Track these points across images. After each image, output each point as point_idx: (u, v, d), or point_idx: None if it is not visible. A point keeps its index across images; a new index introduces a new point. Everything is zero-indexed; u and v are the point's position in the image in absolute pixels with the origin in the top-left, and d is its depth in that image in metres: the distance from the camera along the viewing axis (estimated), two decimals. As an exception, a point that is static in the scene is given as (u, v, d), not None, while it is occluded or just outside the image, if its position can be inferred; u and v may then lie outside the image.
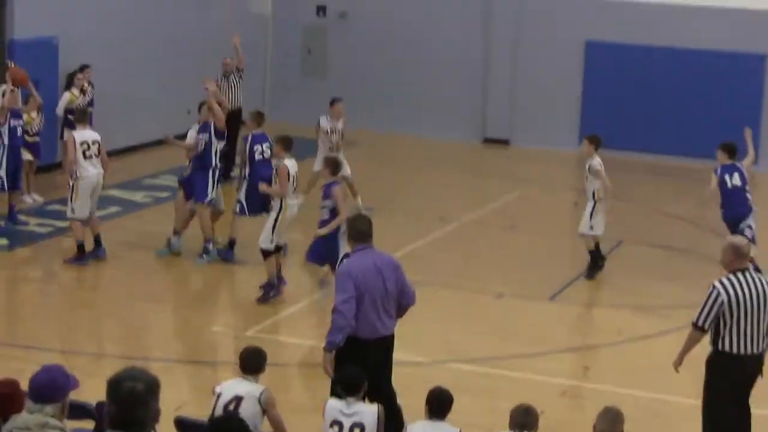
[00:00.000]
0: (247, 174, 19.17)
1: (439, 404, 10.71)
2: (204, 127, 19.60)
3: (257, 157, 19.12)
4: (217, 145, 19.49)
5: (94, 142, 19.08)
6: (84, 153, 18.87)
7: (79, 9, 25.23)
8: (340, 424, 10.66)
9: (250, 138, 19.51)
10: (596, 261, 19.51)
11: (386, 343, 12.10)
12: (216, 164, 19.50)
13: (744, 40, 28.24)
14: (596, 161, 19.47)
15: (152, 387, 6.52)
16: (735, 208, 19.24)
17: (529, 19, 30.05)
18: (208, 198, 19.25)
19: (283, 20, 30.70)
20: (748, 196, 19.41)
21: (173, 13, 27.71)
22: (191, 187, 19.55)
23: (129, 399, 6.42)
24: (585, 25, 29.49)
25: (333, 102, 22.83)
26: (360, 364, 11.50)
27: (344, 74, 31.35)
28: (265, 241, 17.47)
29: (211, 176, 19.33)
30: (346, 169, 21.83)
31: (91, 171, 18.93)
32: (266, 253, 17.51)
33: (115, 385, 6.45)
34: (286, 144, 17.91)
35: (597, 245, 19.57)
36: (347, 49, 31.59)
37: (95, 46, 25.25)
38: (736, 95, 28.52)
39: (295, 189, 17.86)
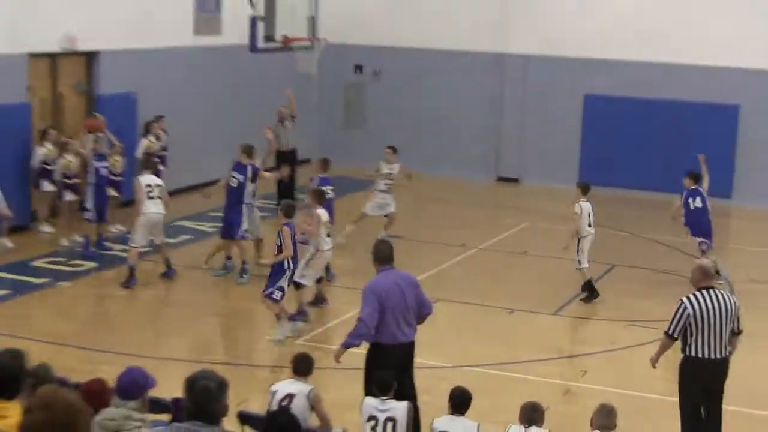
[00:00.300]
0: None
1: (460, 401, 10.77)
2: (241, 168, 19.69)
3: None
4: (251, 187, 19.73)
5: (156, 185, 19.36)
6: (148, 194, 19.13)
7: (154, 69, 25.39)
8: (376, 419, 10.75)
9: (317, 180, 19.83)
10: (592, 291, 19.41)
11: (406, 349, 12.20)
12: (249, 202, 19.80)
13: (720, 93, 28.20)
14: (577, 206, 19.39)
15: (222, 386, 6.70)
16: (699, 225, 20.12)
17: (536, 75, 30.11)
18: (240, 234, 19.48)
19: (326, 78, 30.80)
20: (709, 216, 20.04)
21: (234, 73, 27.86)
22: (227, 225, 19.82)
23: (203, 395, 6.60)
24: (583, 82, 29.53)
25: (391, 149, 23.02)
26: (384, 366, 11.64)
27: (379, 123, 31.47)
28: (298, 275, 17.11)
29: (243, 212, 19.55)
30: (390, 207, 22.33)
31: (151, 209, 19.17)
32: (297, 285, 17.16)
33: (191, 383, 6.64)
34: (320, 197, 17.88)
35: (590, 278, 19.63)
36: (381, 102, 31.71)
37: (168, 99, 25.44)
38: (714, 139, 28.35)
39: (328, 234, 17.65)
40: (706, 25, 28.18)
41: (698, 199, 20.34)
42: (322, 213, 17.42)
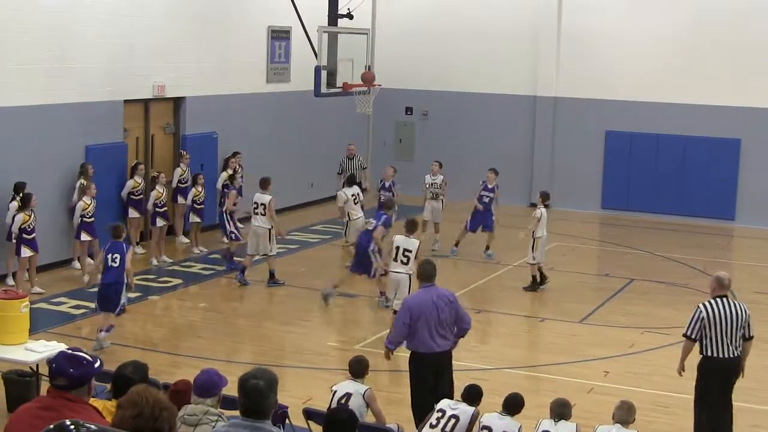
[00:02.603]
0: None
1: (512, 404, 10.62)
2: None
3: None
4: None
5: (261, 204, 19.85)
6: (254, 210, 19.89)
7: (232, 112, 25.51)
8: (443, 412, 10.54)
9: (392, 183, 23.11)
10: (538, 282, 20.06)
11: (441, 358, 12.01)
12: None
13: (724, 129, 28.02)
14: (538, 212, 20.04)
15: (271, 384, 6.40)
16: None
17: (564, 114, 30.02)
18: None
19: (380, 118, 30.84)
20: None
21: (301, 115, 27.95)
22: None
23: (253, 392, 6.33)
24: (604, 119, 29.40)
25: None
26: (422, 371, 11.76)
27: (426, 157, 31.24)
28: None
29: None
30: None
31: (253, 223, 19.95)
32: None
33: (243, 382, 6.39)
34: (411, 226, 16.87)
35: (540, 270, 20.10)
36: (428, 139, 31.68)
37: (244, 138, 25.53)
38: (718, 169, 28.28)
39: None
40: (711, 70, 28.04)
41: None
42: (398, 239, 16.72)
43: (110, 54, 21.72)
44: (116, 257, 15.51)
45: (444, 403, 10.70)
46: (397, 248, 16.44)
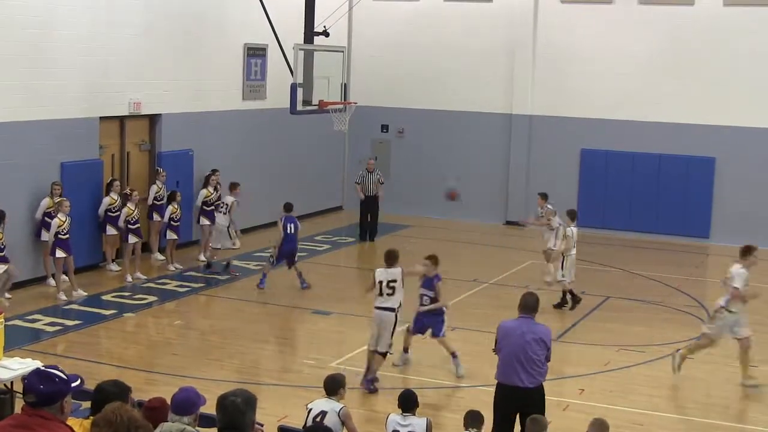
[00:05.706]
0: None
1: (479, 418, 10.66)
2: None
3: None
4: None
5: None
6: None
7: (208, 129, 25.54)
8: (397, 432, 10.60)
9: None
10: (567, 301, 20.56)
11: (521, 394, 11.45)
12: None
13: (698, 147, 28.21)
14: (569, 230, 20.82)
15: (249, 402, 6.60)
16: None
17: (539, 132, 30.14)
18: None
19: (356, 135, 30.91)
20: None
21: (277, 132, 27.99)
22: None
23: (230, 409, 6.53)
24: (580, 138, 29.56)
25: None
26: (498, 403, 11.56)
27: (402, 175, 31.50)
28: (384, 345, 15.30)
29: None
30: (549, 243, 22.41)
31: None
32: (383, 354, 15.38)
33: (222, 399, 6.60)
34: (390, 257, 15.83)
35: (572, 292, 20.54)
36: (404, 157, 31.73)
37: (220, 155, 25.54)
38: (693, 187, 28.48)
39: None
40: (685, 88, 28.26)
41: None
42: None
43: (86, 71, 21.71)
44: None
45: (393, 422, 10.70)
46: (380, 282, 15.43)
